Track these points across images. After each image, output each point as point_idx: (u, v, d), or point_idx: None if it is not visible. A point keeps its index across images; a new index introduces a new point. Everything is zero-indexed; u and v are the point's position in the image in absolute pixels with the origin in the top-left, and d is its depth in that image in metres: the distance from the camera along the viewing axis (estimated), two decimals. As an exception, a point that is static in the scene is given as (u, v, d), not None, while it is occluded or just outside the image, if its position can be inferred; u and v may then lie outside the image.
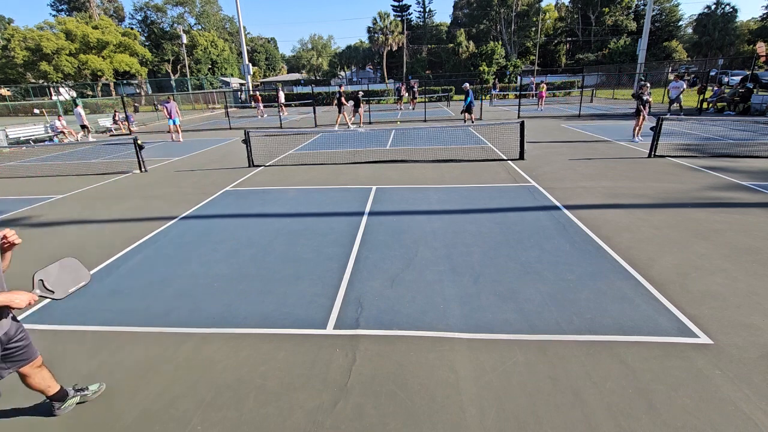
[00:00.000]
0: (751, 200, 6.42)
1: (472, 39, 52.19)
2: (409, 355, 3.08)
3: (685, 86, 17.33)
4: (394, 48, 52.76)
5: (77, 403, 2.74)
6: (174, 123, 16.26)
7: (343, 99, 17.60)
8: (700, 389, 2.64)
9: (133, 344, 3.37)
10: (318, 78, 67.05)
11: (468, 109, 16.95)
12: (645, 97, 11.22)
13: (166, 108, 16.16)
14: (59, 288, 2.30)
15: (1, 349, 2.28)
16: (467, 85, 17.17)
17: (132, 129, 20.99)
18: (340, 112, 17.69)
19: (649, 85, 11.75)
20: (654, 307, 3.57)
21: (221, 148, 14.29)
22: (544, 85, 25.20)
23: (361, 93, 18.95)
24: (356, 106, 18.27)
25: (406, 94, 29.65)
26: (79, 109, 17.88)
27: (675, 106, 16.77)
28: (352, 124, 18.51)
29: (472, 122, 17.34)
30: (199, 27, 57.28)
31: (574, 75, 41.34)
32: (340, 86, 21.70)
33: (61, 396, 2.65)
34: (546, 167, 9.05)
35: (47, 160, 13.33)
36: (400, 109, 27.98)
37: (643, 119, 11.47)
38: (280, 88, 30.47)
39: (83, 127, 18.02)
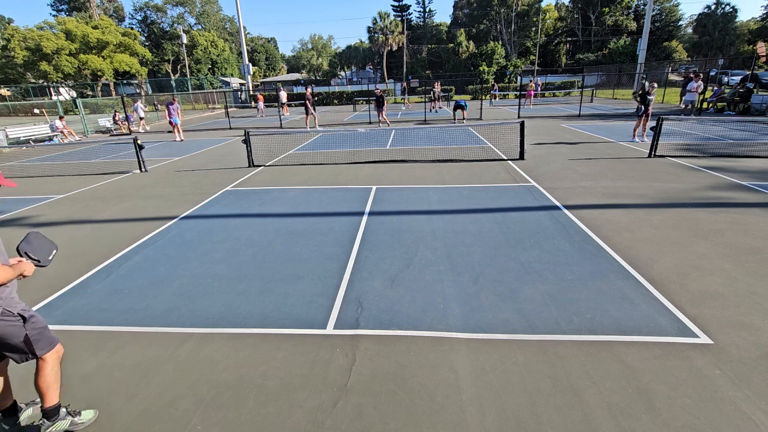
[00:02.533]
0: (751, 200, 6.42)
1: (472, 39, 52.20)
2: (409, 355, 3.08)
3: (702, 86, 17.01)
4: (394, 48, 52.79)
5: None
6: (174, 122, 16.68)
7: (309, 101, 17.65)
8: (700, 389, 2.64)
9: (133, 344, 3.37)
10: (318, 78, 67.04)
11: (460, 107, 18.16)
12: (651, 97, 11.23)
13: (169, 108, 16.56)
14: (42, 256, 2.45)
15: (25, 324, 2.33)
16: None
17: (132, 129, 20.99)
18: (308, 113, 17.85)
19: (656, 85, 11.78)
20: (654, 307, 3.57)
21: (221, 148, 14.29)
22: (533, 84, 26.15)
23: (378, 91, 18.70)
24: (379, 106, 18.16)
25: (437, 92, 26.23)
26: (139, 104, 20.21)
27: (689, 107, 16.80)
28: (382, 123, 18.41)
29: (463, 120, 18.02)
30: (199, 27, 57.34)
31: (574, 75, 41.34)
32: (307, 87, 20.29)
33: (55, 410, 2.44)
34: (546, 167, 9.05)
35: (47, 160, 13.33)
36: (436, 110, 24.49)
37: (647, 119, 11.46)
38: (280, 88, 30.43)
39: (141, 119, 20.70)
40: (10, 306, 2.26)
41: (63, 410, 2.48)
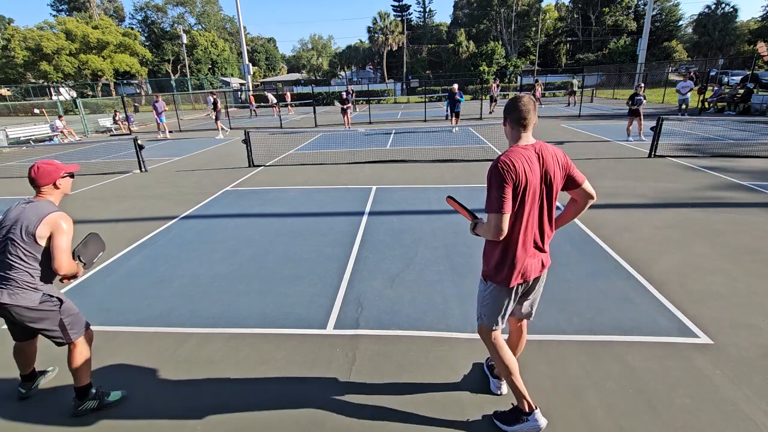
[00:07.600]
0: (751, 200, 6.42)
1: (472, 39, 52.12)
2: (409, 355, 3.08)
3: (693, 85, 17.11)
4: (394, 48, 52.74)
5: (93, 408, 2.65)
6: (161, 121, 17.51)
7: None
8: (700, 389, 2.64)
9: (133, 344, 3.36)
10: (318, 78, 67.00)
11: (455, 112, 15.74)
12: (639, 97, 11.30)
13: (156, 107, 17.10)
14: (88, 259, 2.65)
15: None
16: (456, 86, 15.95)
17: (132, 129, 20.99)
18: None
19: (642, 85, 11.94)
20: (654, 307, 3.57)
21: (221, 148, 14.29)
22: (540, 87, 26.32)
23: (344, 95, 18.12)
24: (344, 110, 17.92)
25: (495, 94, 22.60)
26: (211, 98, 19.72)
27: (683, 106, 16.84)
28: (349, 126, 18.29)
29: (456, 126, 16.18)
30: (200, 27, 57.27)
31: (575, 75, 41.30)
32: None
33: (86, 390, 2.64)
34: (546, 167, 9.03)
35: (47, 160, 13.31)
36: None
37: (638, 117, 11.56)
38: (271, 88, 30.32)
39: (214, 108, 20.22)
40: (51, 291, 2.50)
41: (92, 391, 2.67)
